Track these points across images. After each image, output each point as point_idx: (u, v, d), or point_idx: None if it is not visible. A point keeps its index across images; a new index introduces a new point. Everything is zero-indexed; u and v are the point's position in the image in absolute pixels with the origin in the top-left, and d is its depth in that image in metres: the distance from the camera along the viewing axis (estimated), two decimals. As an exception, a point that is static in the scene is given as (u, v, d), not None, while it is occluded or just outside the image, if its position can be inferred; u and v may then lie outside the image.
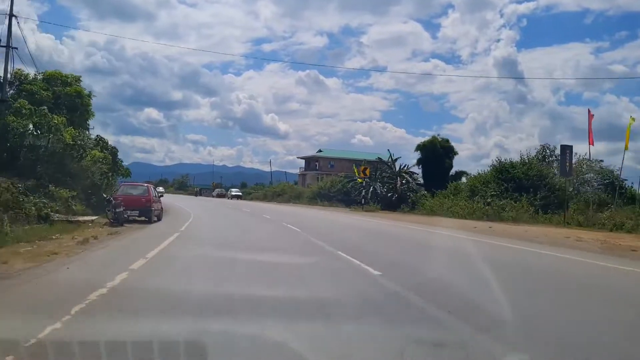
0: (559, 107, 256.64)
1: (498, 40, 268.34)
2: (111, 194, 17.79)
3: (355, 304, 5.73)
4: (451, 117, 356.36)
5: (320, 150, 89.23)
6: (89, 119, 26.84)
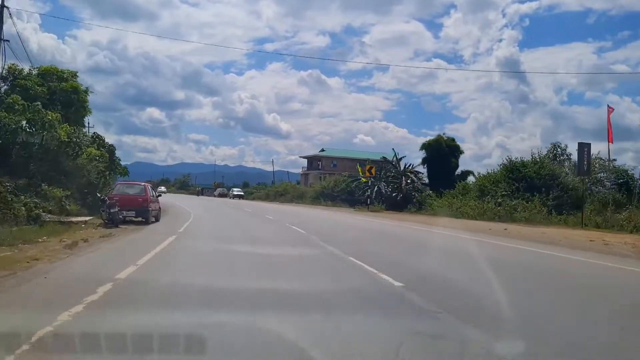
0: (561, 107, 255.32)
1: (500, 40, 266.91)
2: (106, 193, 16.87)
3: (379, 325, 4.80)
4: (453, 117, 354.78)
5: (322, 150, 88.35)
6: (85, 115, 26.02)
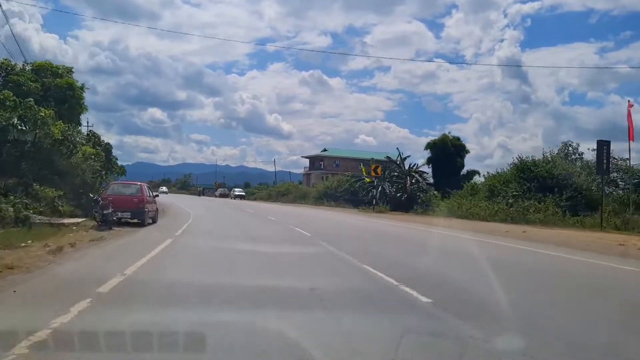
0: (563, 107, 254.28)
1: (502, 40, 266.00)
2: (99, 193, 15.93)
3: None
4: (455, 117, 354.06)
5: (325, 150, 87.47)
6: (82, 113, 25.07)
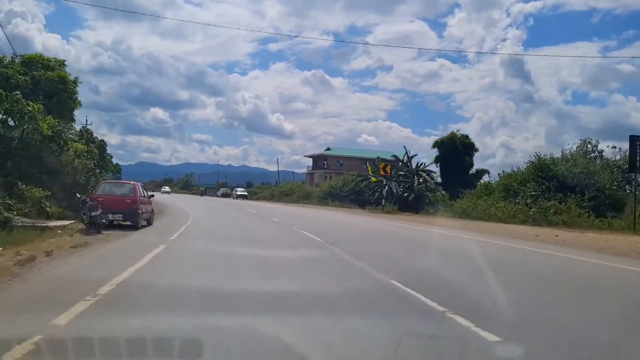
0: (566, 107, 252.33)
1: (504, 40, 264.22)
2: (88, 193, 14.56)
3: None
4: (457, 117, 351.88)
5: (328, 149, 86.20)
6: (75, 108, 23.69)
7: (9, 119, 18.41)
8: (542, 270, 9.54)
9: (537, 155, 27.34)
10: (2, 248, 9.37)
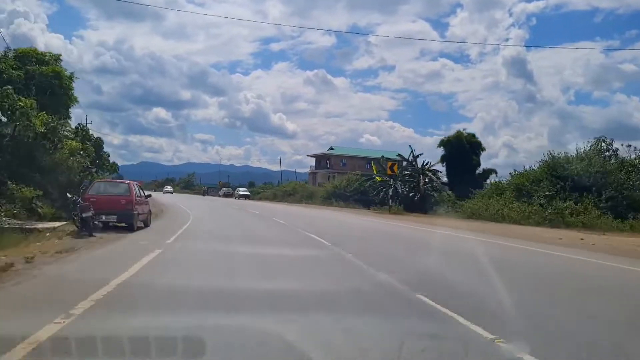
0: (569, 107, 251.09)
1: (507, 40, 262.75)
2: (80, 193, 13.66)
3: None
4: (459, 117, 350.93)
5: (331, 148, 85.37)
6: (71, 105, 22.77)
7: (0, 115, 17.56)
8: (599, 285, 7.99)
9: (550, 154, 26.37)
10: (-22, 254, 8.48)
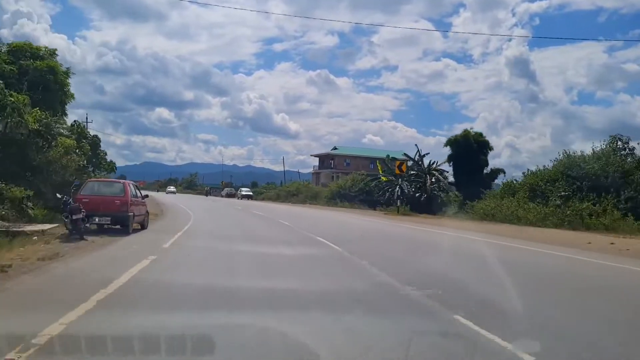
0: (572, 107, 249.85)
1: (510, 40, 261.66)
2: (70, 193, 12.75)
3: None
4: (462, 117, 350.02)
5: (335, 148, 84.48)
6: (67, 102, 21.91)
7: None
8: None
9: (565, 153, 25.34)
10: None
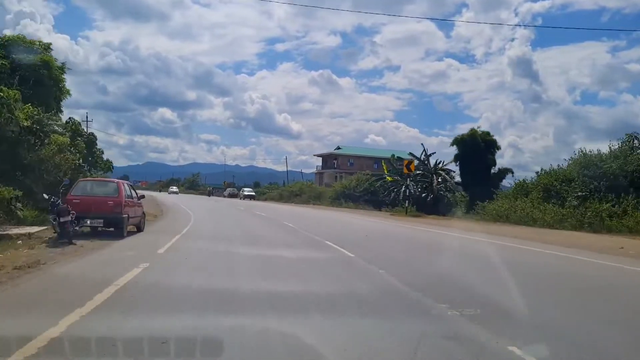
0: (574, 107, 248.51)
1: (513, 40, 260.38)
2: (59, 193, 11.83)
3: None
4: (465, 117, 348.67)
5: (338, 147, 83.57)
6: (62, 98, 21.03)
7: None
8: None
9: (581, 152, 24.32)
10: None
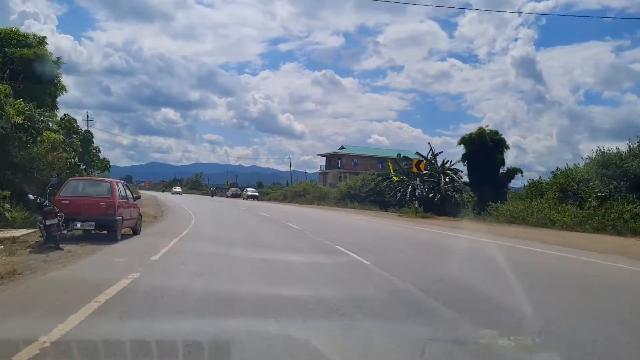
0: (578, 107, 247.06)
1: (516, 39, 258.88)
2: (46, 194, 10.92)
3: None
4: (468, 117, 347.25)
5: (342, 147, 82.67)
6: (58, 95, 20.13)
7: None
8: None
9: (599, 150, 23.26)
10: None
